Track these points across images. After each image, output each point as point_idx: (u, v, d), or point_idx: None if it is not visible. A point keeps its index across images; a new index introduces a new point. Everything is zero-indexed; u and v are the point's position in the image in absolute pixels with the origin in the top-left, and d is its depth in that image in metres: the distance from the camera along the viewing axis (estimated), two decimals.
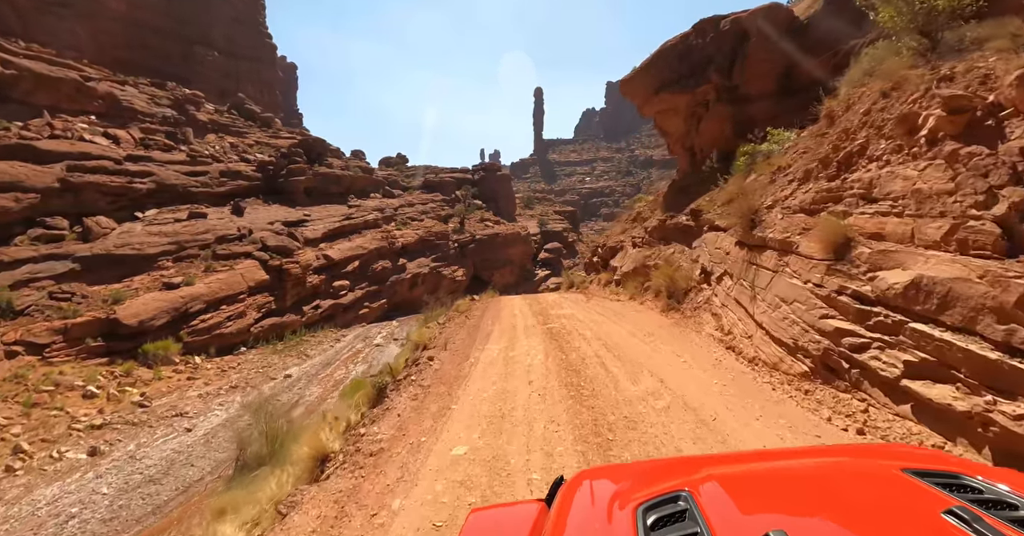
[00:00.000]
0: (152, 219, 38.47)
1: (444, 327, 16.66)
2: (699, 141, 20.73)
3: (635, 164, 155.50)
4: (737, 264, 9.73)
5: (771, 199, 9.32)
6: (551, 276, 70.63)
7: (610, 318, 15.26)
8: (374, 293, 46.07)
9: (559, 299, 23.79)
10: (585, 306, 19.14)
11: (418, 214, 60.12)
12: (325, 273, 41.43)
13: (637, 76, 23.31)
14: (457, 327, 16.41)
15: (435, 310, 23.23)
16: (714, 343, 10.03)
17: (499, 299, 28.39)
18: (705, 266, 12.49)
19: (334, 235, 47.13)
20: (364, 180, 60.23)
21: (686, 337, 11.31)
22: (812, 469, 1.79)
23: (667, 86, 21.41)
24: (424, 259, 53.63)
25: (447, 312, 21.47)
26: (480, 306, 23.32)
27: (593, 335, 12.72)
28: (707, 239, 13.16)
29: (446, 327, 16.64)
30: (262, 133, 65.09)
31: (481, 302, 26.54)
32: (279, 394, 22.70)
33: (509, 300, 26.86)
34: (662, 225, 17.99)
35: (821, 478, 1.65)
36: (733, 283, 9.95)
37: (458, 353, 12.05)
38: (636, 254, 17.86)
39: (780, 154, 11.74)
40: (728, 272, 10.42)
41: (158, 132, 51.59)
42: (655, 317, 14.23)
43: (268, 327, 33.93)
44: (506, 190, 74.44)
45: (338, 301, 41.01)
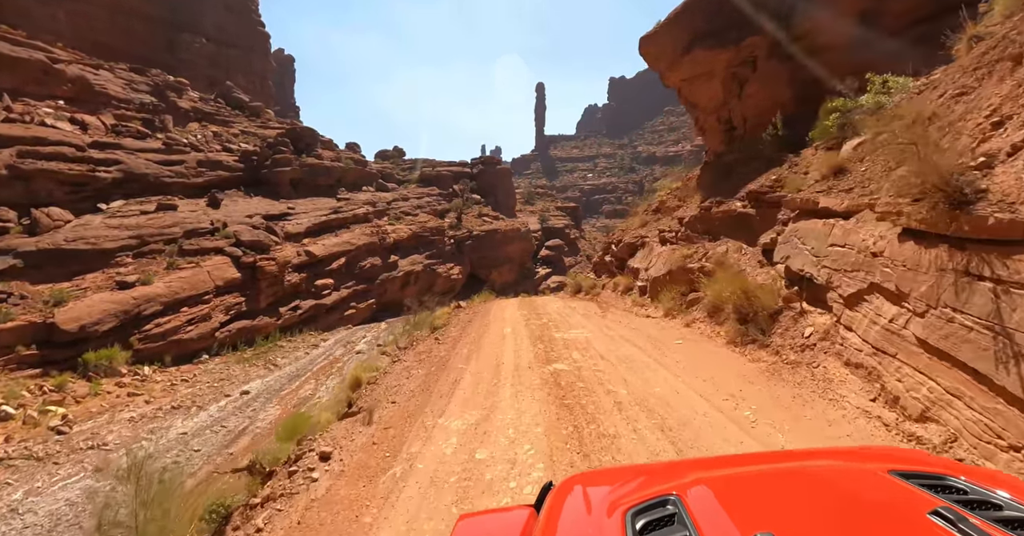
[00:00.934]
0: (116, 211, 34.53)
1: (399, 360, 12.42)
2: (742, 110, 16.48)
3: (638, 161, 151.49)
4: (918, 274, 5.17)
5: (982, 150, 4.94)
6: (552, 274, 66.66)
7: (649, 352, 10.08)
8: (362, 292, 42.13)
9: (565, 309, 19.30)
10: (602, 324, 13.94)
11: (413, 209, 56.15)
12: (307, 271, 37.49)
13: (662, 30, 18.84)
14: (416, 361, 11.86)
15: (413, 320, 19.36)
16: (879, 428, 5.31)
17: (490, 306, 24.41)
18: (806, 273, 7.83)
19: (320, 230, 43.20)
20: (356, 172, 56.27)
21: (812, 409, 6.16)
22: (799, 472, 1.78)
23: (700, 41, 16.90)
24: (418, 256, 49.67)
25: (414, 331, 17.52)
26: (463, 319, 19.29)
27: (633, 396, 7.43)
28: (804, 231, 8.40)
29: (401, 359, 12.40)
30: (250, 122, 61.10)
31: (468, 311, 22.60)
32: (226, 418, 18.80)
33: (502, 308, 22.77)
34: (706, 214, 13.80)
35: (808, 480, 1.64)
36: (907, 312, 5.41)
37: (380, 444, 6.84)
38: (669, 254, 13.55)
39: (907, 101, 7.60)
40: (884, 288, 5.87)
41: (134, 119, 47.68)
42: (725, 356, 8.92)
43: (237, 331, 30.00)
44: (506, 185, 70.41)
45: (320, 301, 37.06)
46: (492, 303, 26.23)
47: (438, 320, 18.10)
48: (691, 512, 1.32)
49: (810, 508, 1.39)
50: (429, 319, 18.33)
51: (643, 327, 12.55)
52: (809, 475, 1.70)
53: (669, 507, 1.39)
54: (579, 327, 13.88)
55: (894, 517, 1.25)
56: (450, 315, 20.13)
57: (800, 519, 1.32)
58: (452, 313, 20.64)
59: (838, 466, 1.81)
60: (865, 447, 3.39)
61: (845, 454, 2.14)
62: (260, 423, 18.53)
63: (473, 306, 25.70)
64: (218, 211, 39.37)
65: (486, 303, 27.76)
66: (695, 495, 1.43)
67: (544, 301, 24.42)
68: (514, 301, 27.47)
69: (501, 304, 25.18)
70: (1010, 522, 1.20)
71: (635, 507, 1.43)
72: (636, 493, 1.57)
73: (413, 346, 13.98)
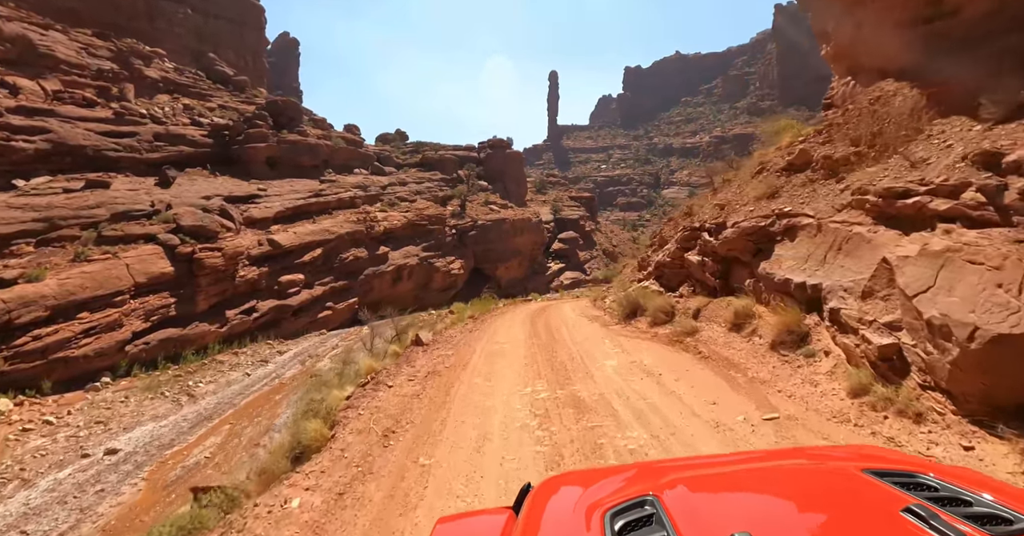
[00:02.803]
0: (32, 188, 26.98)
1: None
2: None
3: (654, 152, 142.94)
4: None
5: None
6: (565, 270, 58.65)
7: None
8: (341, 290, 34.39)
9: (645, 386, 7.93)
10: None
11: (411, 194, 48.28)
12: (269, 264, 29.81)
13: None
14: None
15: None
16: None
17: (484, 328, 16.34)
18: None
19: (294, 215, 35.49)
20: (348, 153, 48.48)
21: None
22: (775, 471, 1.77)
23: None
24: (413, 247, 41.83)
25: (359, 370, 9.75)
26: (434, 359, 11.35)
27: None
28: None
29: None
30: (232, 97, 53.41)
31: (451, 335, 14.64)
32: (46, 510, 11.11)
33: (501, 337, 14.03)
34: None
35: (784, 480, 1.62)
36: None
37: None
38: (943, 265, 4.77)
39: None
40: None
41: (87, 86, 40.02)
42: None
43: (159, 343, 22.37)
44: (515, 171, 62.31)
45: (284, 302, 29.35)
46: (487, 322, 18.01)
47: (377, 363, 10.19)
48: (669, 512, 1.29)
49: (786, 507, 1.37)
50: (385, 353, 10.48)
51: None
52: (785, 474, 1.69)
53: (647, 508, 1.36)
54: None
55: (868, 515, 1.24)
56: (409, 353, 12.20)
57: (777, 518, 1.31)
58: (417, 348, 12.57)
59: (813, 466, 1.79)
60: (839, 446, 3.66)
61: (819, 453, 2.14)
62: (97, 520, 10.82)
63: (464, 323, 17.75)
64: (167, 191, 31.77)
65: (485, 314, 20.03)
66: (673, 495, 1.40)
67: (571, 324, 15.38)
68: (522, 315, 19.39)
69: (500, 326, 16.69)
70: (979, 518, 1.20)
71: (614, 508, 1.40)
72: (614, 494, 1.54)
73: (345, 423, 6.13)
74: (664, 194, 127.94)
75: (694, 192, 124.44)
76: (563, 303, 26.24)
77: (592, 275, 60.14)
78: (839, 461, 1.82)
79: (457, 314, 20.05)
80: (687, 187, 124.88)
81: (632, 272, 20.27)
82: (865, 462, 1.65)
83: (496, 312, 21.63)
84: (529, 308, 23.39)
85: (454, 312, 30.51)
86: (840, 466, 1.68)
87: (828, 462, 1.83)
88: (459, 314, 19.89)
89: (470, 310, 20.68)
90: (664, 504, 1.35)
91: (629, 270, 22.57)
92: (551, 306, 23.49)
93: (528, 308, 23.39)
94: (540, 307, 23.57)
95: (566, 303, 25.96)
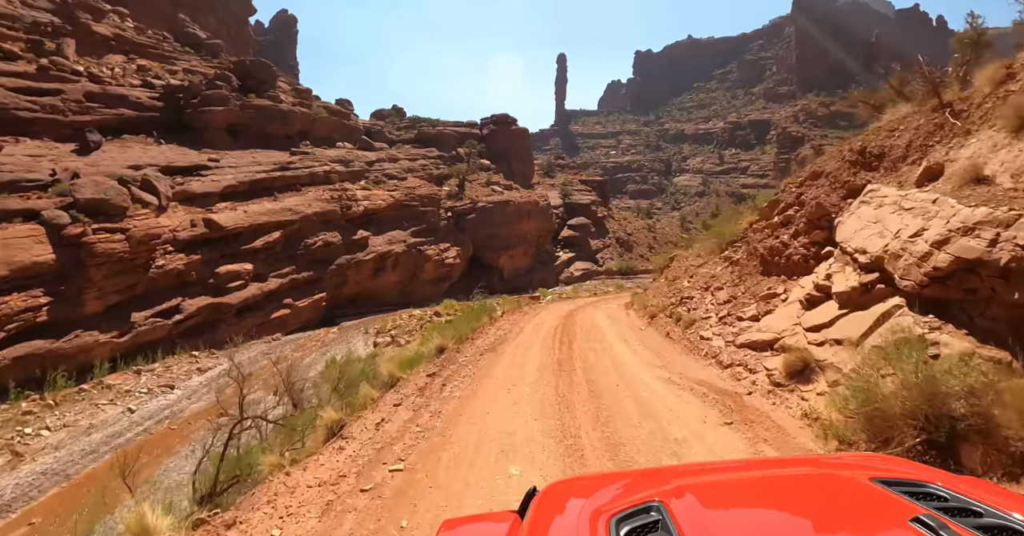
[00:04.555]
0: None
1: None
2: None
3: (665, 138, 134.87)
4: None
5: None
6: (576, 260, 51.42)
7: None
8: (306, 283, 27.38)
9: None
10: None
11: (401, 172, 41.02)
12: (205, 250, 22.82)
13: None
14: None
15: None
16: None
17: (456, 388, 8.53)
18: None
19: (252, 191, 28.39)
20: (330, 124, 41.24)
21: None
22: (783, 479, 1.72)
23: None
24: (399, 232, 34.68)
25: None
26: None
27: None
28: None
29: None
30: (203, 63, 46.11)
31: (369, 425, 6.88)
32: None
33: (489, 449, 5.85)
34: None
35: (792, 488, 1.58)
36: None
37: None
38: None
39: None
40: None
41: (16, 40, 32.98)
42: None
43: (14, 362, 15.43)
44: (522, 149, 54.88)
45: (222, 299, 22.36)
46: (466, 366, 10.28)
47: None
48: (675, 518, 1.27)
49: (793, 515, 1.35)
50: None
51: None
52: (792, 482, 1.64)
53: (653, 514, 1.34)
54: None
55: (876, 525, 1.21)
56: None
57: (783, 527, 1.29)
58: None
59: (821, 473, 1.75)
60: (847, 454, 3.34)
61: (827, 462, 2.08)
62: None
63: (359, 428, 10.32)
64: (84, 159, 24.74)
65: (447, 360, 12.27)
66: (679, 502, 1.37)
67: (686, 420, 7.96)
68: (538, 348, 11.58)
69: (490, 391, 8.38)
70: (990, 529, 1.16)
71: (619, 514, 1.37)
72: (620, 500, 1.51)
73: None
74: (676, 182, 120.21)
75: (708, 180, 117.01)
76: (588, 307, 18.84)
77: (605, 266, 52.91)
78: (848, 469, 1.72)
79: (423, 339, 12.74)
80: (700, 174, 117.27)
81: (703, 265, 13.00)
82: (874, 471, 1.58)
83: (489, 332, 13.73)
84: (543, 321, 15.38)
85: (441, 315, 23.48)
86: (849, 475, 1.58)
87: (836, 470, 1.74)
88: (426, 337, 12.71)
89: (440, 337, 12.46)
90: (670, 510, 1.30)
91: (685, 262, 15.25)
92: (577, 315, 16.03)
93: (541, 321, 15.39)
94: (560, 317, 15.81)
95: (592, 307, 18.51)
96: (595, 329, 12.09)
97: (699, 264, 13.01)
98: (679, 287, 12.06)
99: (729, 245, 11.60)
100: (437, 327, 14.07)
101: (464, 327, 12.12)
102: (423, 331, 20.28)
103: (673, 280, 13.81)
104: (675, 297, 11.35)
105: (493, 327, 13.19)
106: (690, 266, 13.75)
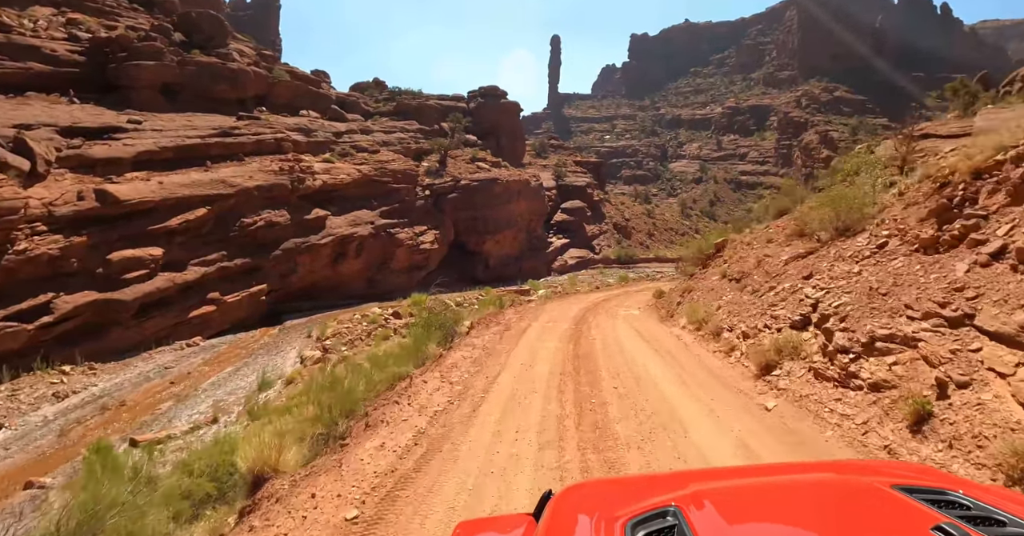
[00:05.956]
0: None
1: None
2: None
3: (661, 124, 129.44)
4: None
5: None
6: (570, 246, 46.11)
7: None
8: (240, 272, 21.94)
9: None
10: None
11: (373, 145, 35.38)
12: (95, 230, 17.35)
13: None
14: None
15: None
16: None
17: None
18: None
19: (179, 160, 22.75)
20: (292, 89, 35.40)
21: None
22: (801, 485, 1.65)
23: None
24: (367, 212, 29.18)
25: None
26: None
27: None
28: None
29: None
30: (151, 19, 39.97)
31: None
32: None
33: None
34: None
35: (811, 494, 1.53)
36: None
37: None
38: None
39: None
40: None
41: None
42: None
43: None
44: (511, 125, 49.26)
45: (109, 295, 16.89)
46: None
47: None
48: (691, 524, 1.23)
49: (813, 522, 1.30)
50: None
51: None
52: (811, 488, 1.58)
53: (669, 518, 1.30)
54: None
55: (897, 533, 1.17)
56: None
57: (803, 534, 1.26)
58: None
59: (841, 480, 1.64)
60: (867, 461, 3.19)
61: (847, 467, 1.98)
62: None
63: None
64: None
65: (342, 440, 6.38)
66: (695, 507, 1.33)
67: None
68: (518, 411, 5.99)
69: None
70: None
71: (634, 518, 1.34)
72: (635, 504, 1.46)
73: None
74: (672, 168, 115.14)
75: (705, 166, 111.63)
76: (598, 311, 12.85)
77: (602, 254, 47.64)
78: (869, 476, 1.63)
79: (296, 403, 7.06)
80: (697, 160, 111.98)
81: None
82: (895, 478, 1.53)
83: (428, 381, 7.30)
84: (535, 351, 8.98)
85: (401, 315, 18.12)
86: (869, 481, 1.52)
87: (857, 476, 1.65)
88: (302, 398, 7.15)
89: (315, 406, 5.81)
90: (686, 515, 1.27)
91: (751, 250, 9.58)
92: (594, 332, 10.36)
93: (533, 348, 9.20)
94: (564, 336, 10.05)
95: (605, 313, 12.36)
96: (657, 396, 5.94)
97: (805, 252, 7.54)
98: (785, 290, 7.01)
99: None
100: (350, 368, 8.43)
101: (383, 370, 6.75)
102: (369, 340, 14.96)
103: (742, 279, 8.45)
104: (787, 309, 6.22)
105: (437, 371, 7.45)
106: (764, 256, 8.41)
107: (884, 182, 8.04)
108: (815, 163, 70.32)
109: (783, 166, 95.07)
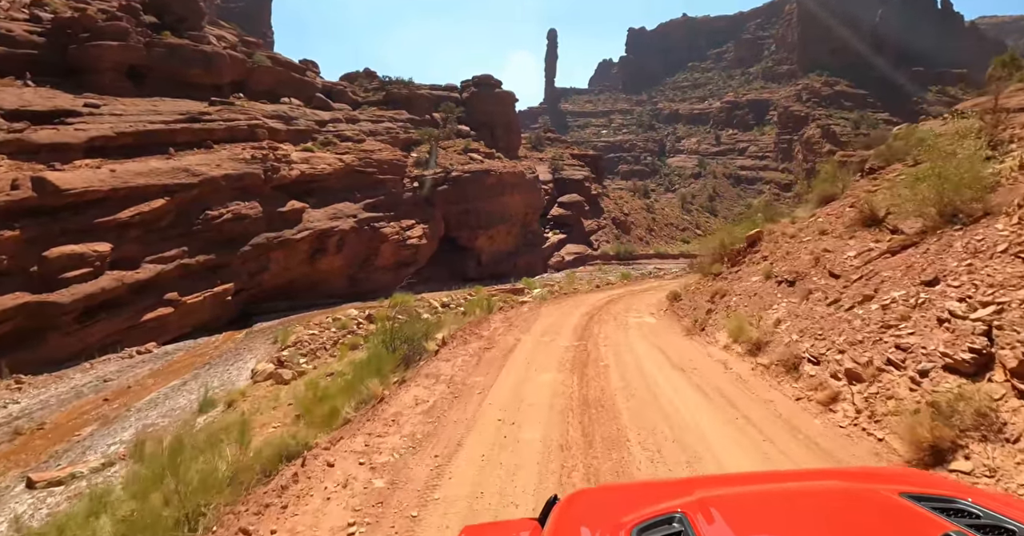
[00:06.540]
0: None
1: None
2: None
3: (658, 118, 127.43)
4: None
5: None
6: (567, 242, 44.08)
7: None
8: (203, 269, 19.87)
9: None
10: None
11: (359, 134, 33.28)
12: (31, 223, 15.28)
13: None
14: None
15: None
16: None
17: None
18: None
19: (139, 147, 20.67)
20: (273, 75, 33.24)
21: None
22: (808, 492, 1.62)
23: None
24: (349, 204, 27.09)
25: None
26: None
27: None
28: None
29: None
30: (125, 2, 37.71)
31: None
32: None
33: None
34: None
35: (818, 501, 1.51)
36: None
37: None
38: None
39: None
40: None
41: None
42: None
43: None
44: (506, 115, 47.14)
45: (45, 296, 14.80)
46: None
47: None
48: (697, 531, 1.22)
49: (820, 530, 1.29)
50: None
51: None
52: (819, 496, 1.56)
53: (675, 525, 1.29)
54: None
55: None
56: None
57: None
58: None
59: (848, 487, 1.63)
60: (875, 468, 3.18)
61: (855, 475, 1.95)
62: None
63: None
64: None
65: None
66: (701, 513, 1.32)
67: None
68: None
69: None
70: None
71: (640, 524, 1.33)
72: (640, 510, 1.45)
73: None
74: (670, 163, 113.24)
75: (704, 161, 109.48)
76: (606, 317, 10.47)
77: (601, 250, 45.61)
78: (876, 483, 1.62)
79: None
80: (696, 155, 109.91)
81: None
82: (903, 485, 1.51)
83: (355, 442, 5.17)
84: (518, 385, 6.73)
85: (375, 319, 16.02)
86: (877, 489, 1.51)
87: (865, 484, 1.63)
88: None
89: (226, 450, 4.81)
90: (692, 521, 1.26)
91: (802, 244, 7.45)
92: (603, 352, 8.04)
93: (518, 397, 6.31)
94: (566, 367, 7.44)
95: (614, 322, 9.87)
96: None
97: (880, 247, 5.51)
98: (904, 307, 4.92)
99: None
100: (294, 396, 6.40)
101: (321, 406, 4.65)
102: (335, 349, 12.90)
103: (796, 281, 6.34)
104: (924, 336, 4.22)
105: (360, 438, 5.08)
106: (822, 252, 6.34)
107: (980, 157, 6.08)
108: (817, 157, 68.40)
109: (783, 160, 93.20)
